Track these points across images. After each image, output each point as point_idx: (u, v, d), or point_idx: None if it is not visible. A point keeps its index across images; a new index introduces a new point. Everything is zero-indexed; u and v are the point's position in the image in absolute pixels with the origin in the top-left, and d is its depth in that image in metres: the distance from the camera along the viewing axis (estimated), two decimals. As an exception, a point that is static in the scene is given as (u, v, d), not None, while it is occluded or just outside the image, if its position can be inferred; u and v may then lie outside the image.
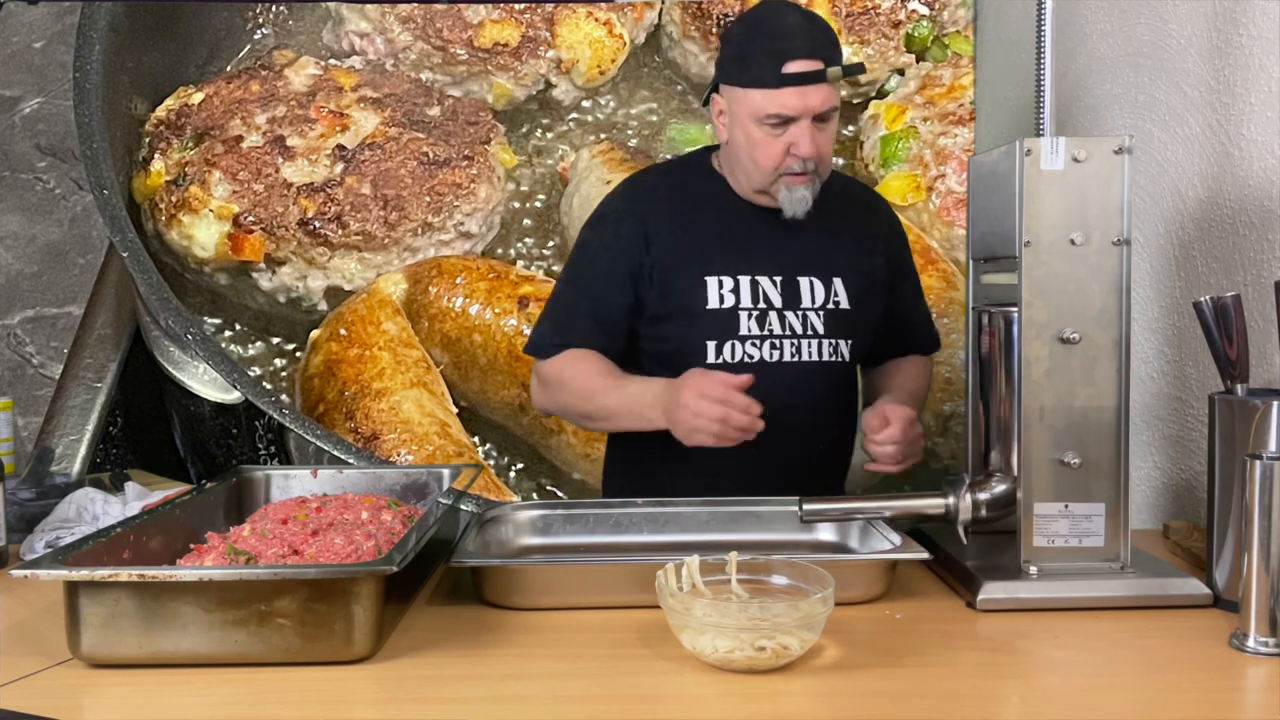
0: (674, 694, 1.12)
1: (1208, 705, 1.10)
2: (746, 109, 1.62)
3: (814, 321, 1.72)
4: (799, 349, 1.71)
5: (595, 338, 1.72)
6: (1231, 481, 1.34)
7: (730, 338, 1.69)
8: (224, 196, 2.58)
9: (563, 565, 1.44)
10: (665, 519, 1.60)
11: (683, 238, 1.71)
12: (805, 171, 1.63)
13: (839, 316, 1.73)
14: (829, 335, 1.72)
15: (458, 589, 1.45)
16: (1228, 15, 1.68)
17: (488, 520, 1.57)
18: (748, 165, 1.67)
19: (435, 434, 2.49)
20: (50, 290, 2.61)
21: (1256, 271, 1.62)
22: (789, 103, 1.58)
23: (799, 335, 1.71)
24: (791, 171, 1.63)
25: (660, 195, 1.77)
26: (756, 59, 1.60)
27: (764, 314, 1.70)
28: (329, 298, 2.65)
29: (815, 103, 1.59)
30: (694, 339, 1.69)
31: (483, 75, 2.78)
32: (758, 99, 1.60)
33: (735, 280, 1.69)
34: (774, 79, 1.58)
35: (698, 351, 1.69)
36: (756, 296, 1.70)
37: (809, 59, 1.58)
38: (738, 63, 1.63)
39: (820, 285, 1.72)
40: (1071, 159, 1.36)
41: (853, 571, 1.36)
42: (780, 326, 1.70)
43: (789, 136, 1.61)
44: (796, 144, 1.60)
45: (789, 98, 1.58)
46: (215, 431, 2.58)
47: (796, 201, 1.65)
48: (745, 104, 1.62)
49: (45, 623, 1.30)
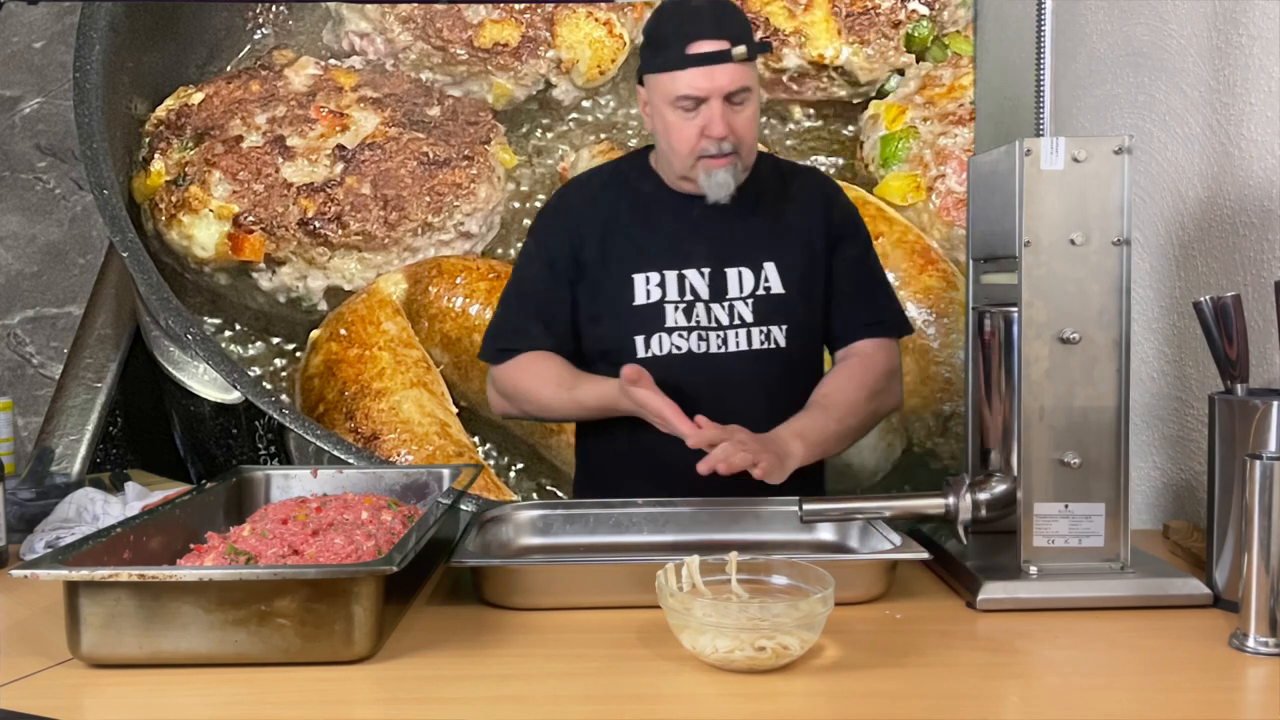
0: (674, 694, 1.12)
1: (1208, 705, 1.10)
2: (660, 94, 1.65)
3: (741, 311, 1.72)
4: (725, 339, 1.72)
5: (543, 339, 1.77)
6: (1231, 481, 1.34)
7: (657, 331, 1.72)
8: (224, 196, 2.58)
9: (563, 565, 1.44)
10: (665, 519, 1.60)
11: (611, 238, 1.75)
12: (722, 154, 1.64)
13: (771, 302, 1.73)
14: (759, 323, 1.72)
15: (458, 589, 1.45)
16: (1228, 15, 1.68)
17: (488, 520, 1.57)
18: (668, 151, 1.70)
19: (435, 434, 2.49)
20: (50, 290, 2.61)
21: (1256, 271, 1.62)
22: (696, 83, 1.61)
23: (725, 326, 1.72)
24: (708, 154, 1.64)
25: (591, 198, 1.80)
26: (664, 42, 1.64)
27: (691, 306, 1.72)
28: (329, 298, 2.65)
29: (723, 82, 1.60)
30: (623, 335, 1.73)
31: (483, 75, 2.78)
32: (667, 82, 1.63)
33: (661, 275, 1.72)
34: (679, 60, 1.61)
35: (627, 347, 1.72)
36: (683, 290, 1.72)
37: (714, 39, 1.60)
38: (650, 48, 1.68)
39: (749, 273, 1.73)
40: (1071, 159, 1.36)
41: (853, 571, 1.36)
42: (707, 318, 1.72)
43: (701, 118, 1.62)
44: (709, 125, 1.62)
45: (695, 78, 1.60)
46: (215, 431, 2.58)
47: (717, 186, 1.66)
48: (658, 89, 1.65)
49: (45, 623, 1.30)
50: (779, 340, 1.74)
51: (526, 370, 1.76)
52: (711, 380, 1.71)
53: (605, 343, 1.75)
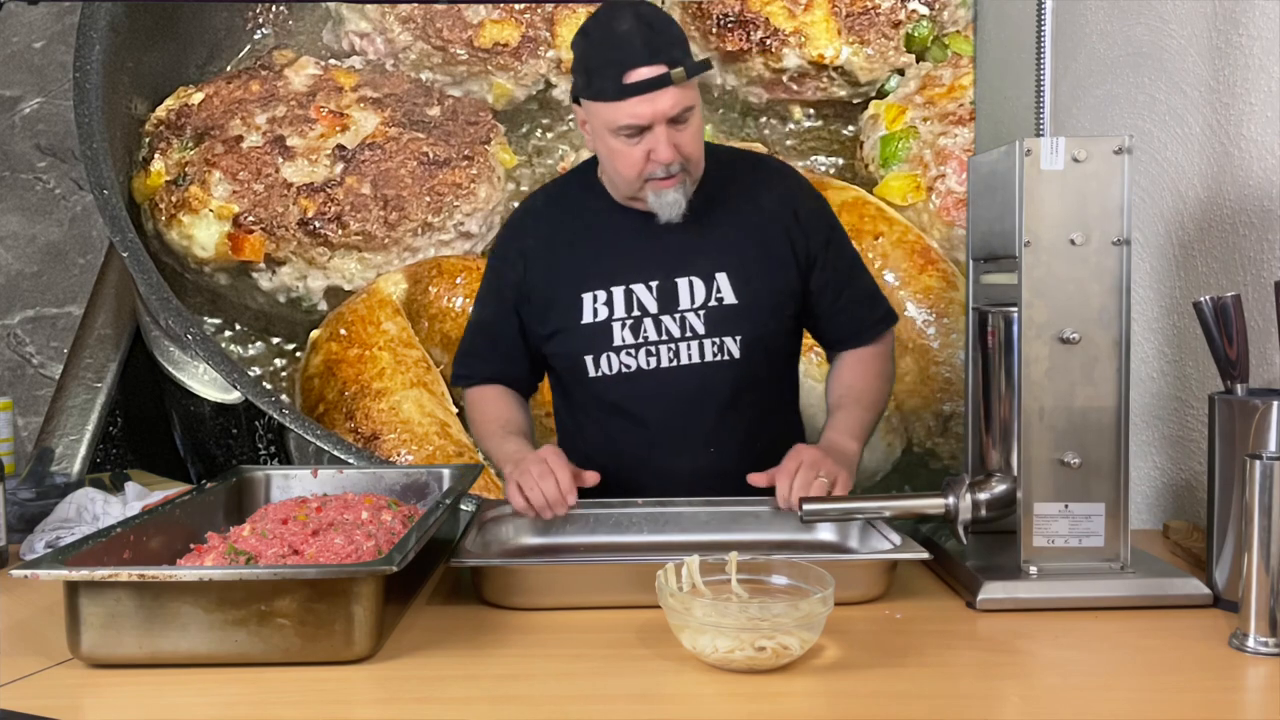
0: (674, 694, 1.12)
1: (1208, 705, 1.10)
2: (600, 121, 1.58)
3: (693, 322, 1.68)
4: (677, 352, 1.68)
5: (494, 363, 1.79)
6: (1231, 481, 1.34)
7: (605, 350, 1.69)
8: (224, 196, 2.58)
9: (563, 565, 1.44)
10: (665, 519, 1.60)
11: (558, 259, 1.73)
12: (670, 175, 1.59)
13: (722, 313, 1.68)
14: (710, 334, 1.68)
15: (458, 589, 1.45)
16: (1228, 15, 1.68)
17: (488, 520, 1.57)
18: (613, 176, 1.66)
19: (435, 434, 2.49)
20: (50, 290, 2.61)
21: (1256, 271, 1.62)
22: (638, 111, 1.53)
23: (676, 339, 1.68)
24: (656, 177, 1.59)
25: (537, 217, 1.79)
26: (598, 71, 1.56)
27: (638, 322, 1.68)
28: (329, 298, 2.65)
29: (665, 107, 1.54)
30: (574, 355, 1.71)
31: (483, 75, 2.78)
32: (607, 112, 1.56)
33: (609, 292, 1.68)
34: (617, 90, 1.53)
35: (580, 367, 1.71)
36: (630, 305, 1.68)
37: (650, 64, 1.52)
38: (583, 76, 1.59)
39: (700, 284, 1.68)
40: (1071, 159, 1.36)
41: (853, 571, 1.36)
42: (656, 332, 1.68)
43: (646, 144, 1.56)
44: (655, 150, 1.56)
45: (636, 106, 1.53)
46: (215, 431, 2.59)
47: (667, 206, 1.62)
48: (598, 116, 1.58)
49: (45, 623, 1.30)
50: (732, 351, 1.69)
51: (475, 405, 1.81)
52: (661, 394, 1.69)
53: (562, 361, 1.75)
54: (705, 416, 1.70)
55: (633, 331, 1.68)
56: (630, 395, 1.70)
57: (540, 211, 1.80)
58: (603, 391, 1.71)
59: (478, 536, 1.51)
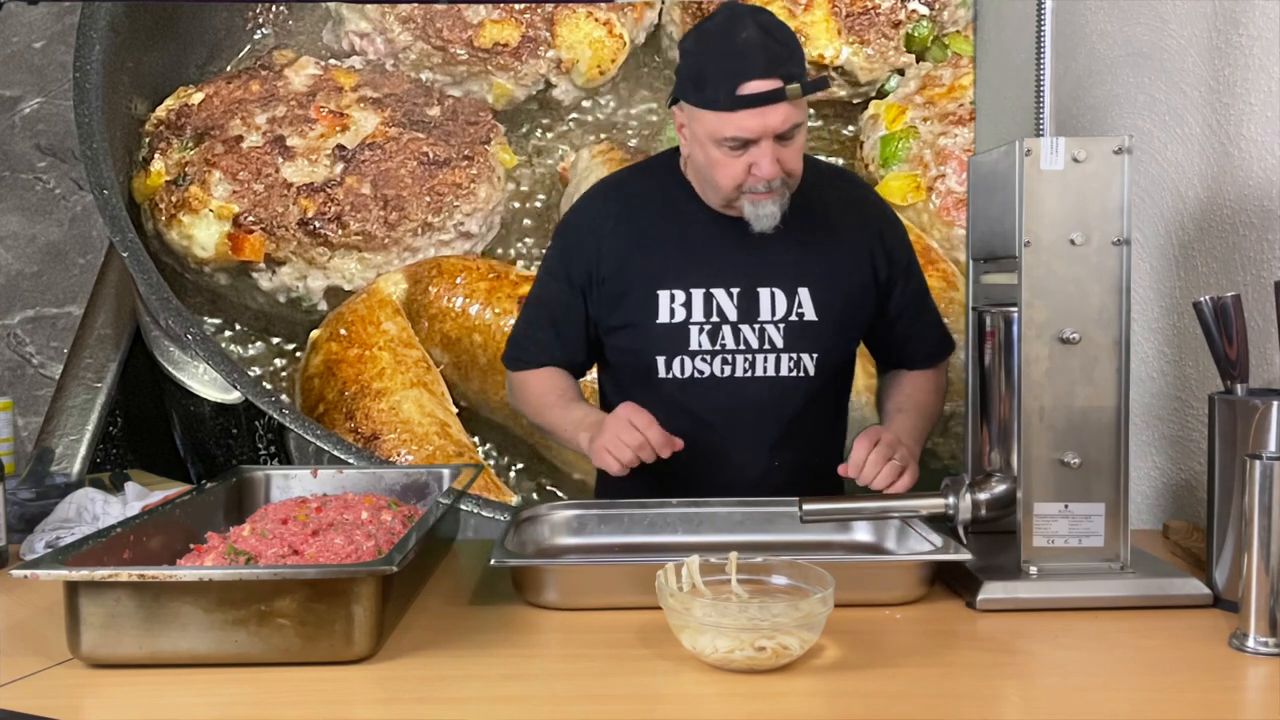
0: (674, 694, 1.12)
1: (1208, 705, 1.10)
2: (704, 129, 1.54)
3: (772, 335, 1.65)
4: (753, 364, 1.65)
5: (554, 348, 1.73)
6: (1231, 481, 1.34)
7: (680, 353, 1.65)
8: (224, 196, 2.58)
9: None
10: (700, 519, 1.58)
11: (637, 251, 1.67)
12: (770, 190, 1.55)
13: (802, 329, 1.66)
14: (789, 349, 1.65)
15: (457, 589, 1.45)
16: (1228, 15, 1.68)
17: (524, 520, 1.56)
18: (709, 184, 1.61)
19: (435, 434, 2.49)
20: (50, 290, 2.61)
21: (1256, 271, 1.62)
22: (747, 125, 1.50)
23: (754, 350, 1.65)
24: (755, 190, 1.56)
25: (619, 206, 1.72)
26: (711, 79, 1.51)
27: (717, 328, 1.64)
28: (329, 298, 2.65)
29: (775, 123, 1.50)
30: (645, 353, 1.67)
31: (483, 75, 2.78)
32: (714, 121, 1.52)
33: (688, 294, 1.64)
34: (729, 101, 1.49)
35: (648, 365, 1.67)
36: (710, 310, 1.64)
37: (765, 78, 1.48)
38: (693, 82, 1.54)
39: (782, 296, 1.65)
40: (1071, 159, 1.36)
41: (894, 573, 1.36)
42: (734, 341, 1.65)
43: (750, 157, 1.53)
44: (757, 165, 1.53)
45: (746, 120, 1.50)
46: (215, 431, 2.59)
47: (763, 218, 1.58)
48: (702, 124, 1.54)
49: (45, 623, 1.30)
50: (808, 369, 1.66)
51: (527, 383, 1.75)
52: (733, 404, 1.66)
53: (627, 356, 1.70)
54: (774, 429, 1.68)
55: (710, 337, 1.65)
56: (699, 401, 1.65)
57: (620, 195, 1.74)
58: (670, 394, 1.66)
59: (515, 536, 1.49)
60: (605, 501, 1.63)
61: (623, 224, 1.69)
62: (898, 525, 1.53)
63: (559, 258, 1.74)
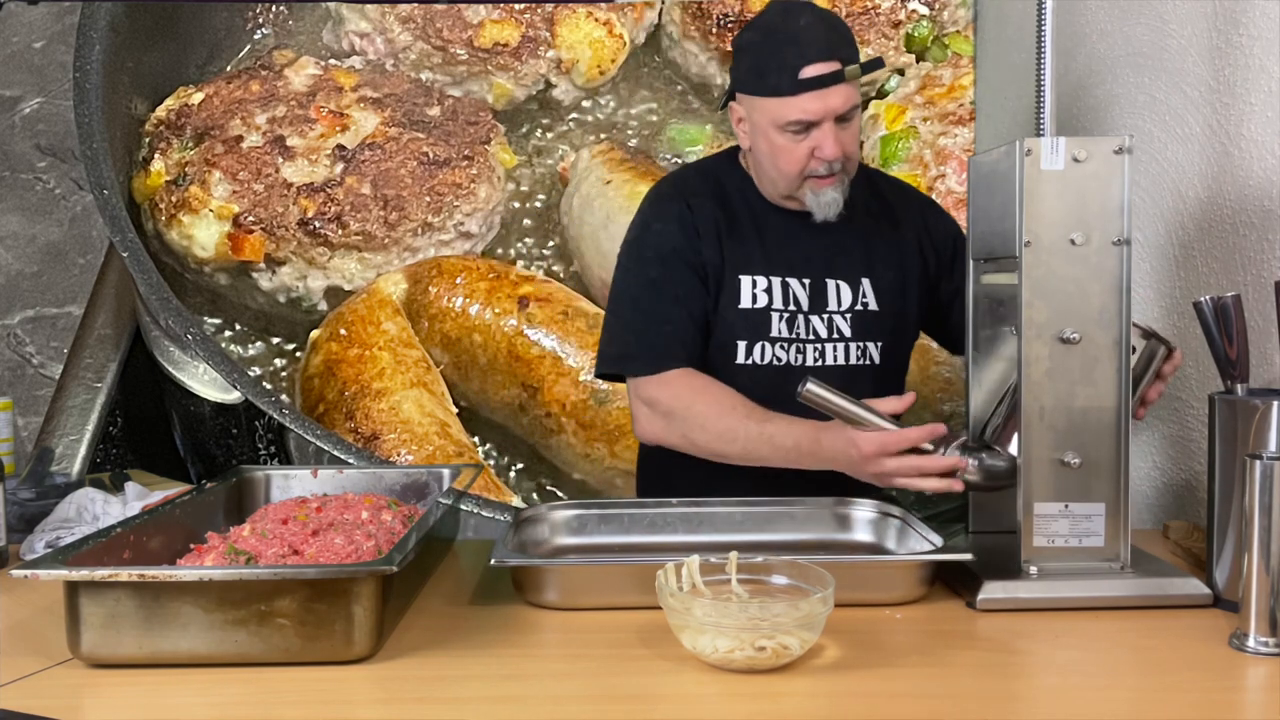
0: (674, 694, 1.12)
1: (1208, 705, 1.10)
2: (767, 117, 1.59)
3: (840, 325, 1.69)
4: (823, 353, 1.68)
5: (693, 342, 1.66)
6: (1231, 481, 1.34)
7: (761, 339, 1.67)
8: (224, 196, 2.58)
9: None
10: (700, 519, 1.58)
11: (721, 235, 1.68)
12: (832, 173, 1.61)
13: (867, 319, 1.70)
14: (856, 338, 1.69)
15: (457, 589, 1.46)
16: (1228, 15, 1.68)
17: (524, 520, 1.56)
18: (772, 172, 1.65)
19: (435, 434, 2.49)
20: (50, 290, 2.61)
21: (1256, 271, 1.62)
22: (810, 107, 1.56)
23: (824, 339, 1.68)
24: (817, 175, 1.61)
25: (698, 193, 1.72)
26: (773, 66, 1.57)
27: (794, 316, 1.68)
28: (329, 298, 2.65)
29: (836, 104, 1.56)
30: (725, 338, 1.67)
31: (483, 75, 2.78)
32: (777, 106, 1.57)
33: (768, 280, 1.67)
34: (792, 85, 1.55)
35: (727, 351, 1.67)
36: (787, 298, 1.68)
37: (826, 60, 1.55)
38: (754, 72, 1.60)
39: (847, 288, 1.69)
40: (1071, 159, 1.36)
41: (894, 573, 1.36)
42: (806, 330, 1.68)
43: (812, 140, 1.58)
44: (820, 147, 1.58)
45: (809, 102, 1.56)
46: (215, 431, 2.59)
47: (826, 205, 1.63)
48: (765, 112, 1.59)
49: (45, 623, 1.30)
50: (874, 357, 1.70)
51: (698, 391, 1.61)
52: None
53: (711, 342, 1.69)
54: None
55: (788, 325, 1.68)
56: (773, 390, 1.63)
57: (697, 187, 1.73)
58: (746, 380, 1.65)
59: (515, 536, 1.49)
60: (605, 501, 1.63)
61: (707, 210, 1.69)
62: (898, 525, 1.53)
63: (665, 246, 1.68)
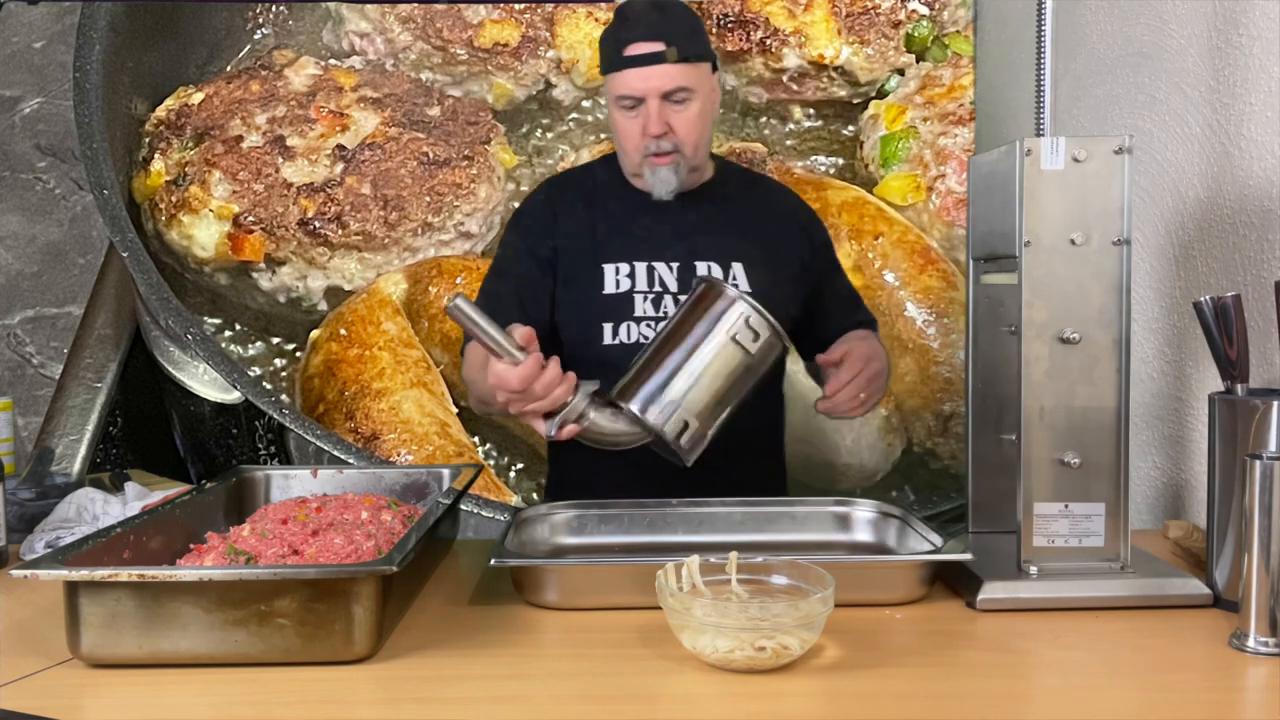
0: (674, 694, 1.12)
1: (1208, 705, 1.10)
2: (609, 94, 1.72)
3: None
4: None
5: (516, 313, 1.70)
6: (1231, 481, 1.34)
7: (626, 319, 1.73)
8: (224, 196, 2.58)
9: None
10: (700, 519, 1.58)
11: (585, 229, 1.78)
12: (662, 151, 1.69)
13: None
14: None
15: (457, 589, 1.45)
16: (1228, 15, 1.68)
17: (524, 520, 1.56)
18: (619, 149, 1.76)
19: (435, 434, 2.49)
20: (50, 290, 2.61)
21: (1256, 271, 1.62)
22: (632, 83, 1.67)
23: None
24: (651, 152, 1.69)
25: (566, 191, 1.84)
26: (610, 45, 1.70)
27: (659, 297, 1.74)
28: (329, 298, 2.65)
29: (658, 83, 1.66)
30: (591, 322, 1.74)
31: (483, 75, 2.78)
32: (610, 83, 1.71)
33: (631, 266, 1.75)
34: (619, 61, 1.68)
35: (595, 334, 1.74)
36: (652, 281, 1.74)
37: (650, 40, 1.65)
38: (601, 50, 1.73)
39: (718, 270, 1.75)
40: (1071, 159, 1.36)
41: (894, 573, 1.36)
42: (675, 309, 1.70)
43: (641, 117, 1.68)
44: (647, 123, 1.67)
45: (632, 79, 1.67)
46: (215, 431, 2.59)
47: (660, 182, 1.71)
48: (609, 90, 1.73)
49: (45, 623, 1.30)
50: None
51: (470, 358, 1.69)
52: None
53: (575, 330, 1.76)
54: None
55: (654, 304, 1.74)
56: None
57: (570, 189, 1.85)
58: (615, 360, 1.66)
59: (514, 536, 1.49)
60: (605, 501, 1.63)
61: (572, 206, 1.81)
62: (898, 525, 1.53)
63: (517, 236, 1.82)
